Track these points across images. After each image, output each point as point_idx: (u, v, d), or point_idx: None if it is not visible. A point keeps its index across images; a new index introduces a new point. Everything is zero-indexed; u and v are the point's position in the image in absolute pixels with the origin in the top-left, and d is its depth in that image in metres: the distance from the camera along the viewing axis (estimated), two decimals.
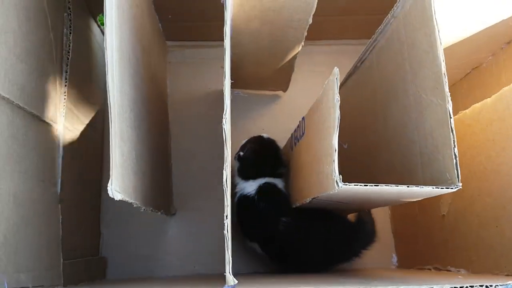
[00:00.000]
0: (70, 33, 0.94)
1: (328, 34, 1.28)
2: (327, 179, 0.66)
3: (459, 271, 0.88)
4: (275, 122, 1.28)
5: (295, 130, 0.99)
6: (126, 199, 0.65)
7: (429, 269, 1.00)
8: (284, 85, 1.24)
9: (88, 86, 1.08)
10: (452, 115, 0.64)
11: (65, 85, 0.92)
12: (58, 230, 0.88)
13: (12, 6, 0.72)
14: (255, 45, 1.00)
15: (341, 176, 0.62)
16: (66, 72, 0.92)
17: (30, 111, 0.77)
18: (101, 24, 1.18)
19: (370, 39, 0.93)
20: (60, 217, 0.88)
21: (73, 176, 0.96)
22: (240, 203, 1.04)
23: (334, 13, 1.19)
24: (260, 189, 1.02)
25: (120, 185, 0.63)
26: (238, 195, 1.05)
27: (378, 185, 0.63)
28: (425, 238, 1.03)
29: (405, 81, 0.79)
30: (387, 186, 0.63)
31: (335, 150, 0.62)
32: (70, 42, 0.94)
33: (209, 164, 1.22)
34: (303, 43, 0.99)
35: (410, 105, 0.77)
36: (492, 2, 0.81)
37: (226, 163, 0.61)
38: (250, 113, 1.29)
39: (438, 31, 0.66)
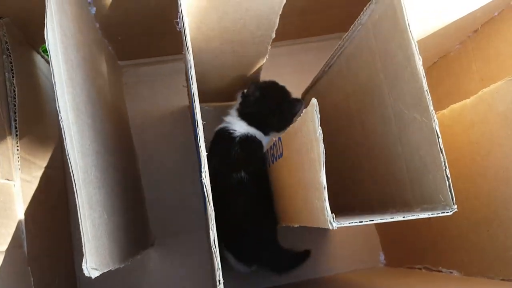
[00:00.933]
0: (13, 77, 0.85)
1: (288, 35, 1.23)
2: (317, 213, 0.62)
3: (452, 272, 0.87)
4: None
5: (270, 147, 0.94)
6: (105, 270, 0.59)
7: (420, 269, 0.99)
8: None
9: (41, 125, 0.99)
10: (439, 135, 0.60)
11: (16, 135, 0.84)
12: None
13: None
14: (218, 62, 0.94)
15: (333, 214, 0.58)
16: (15, 120, 0.84)
17: None
18: (44, 53, 1.08)
19: (337, 45, 0.88)
20: (32, 279, 0.81)
21: (39, 230, 0.89)
22: (218, 134, 1.01)
23: (293, 13, 1.13)
24: (245, 138, 0.98)
25: (95, 261, 0.57)
26: (221, 125, 1.01)
27: (373, 220, 0.59)
28: (413, 238, 1.02)
29: (381, 92, 0.75)
30: (382, 219, 0.60)
31: (325, 188, 0.58)
32: (14, 87, 0.85)
33: (182, 186, 1.17)
34: (267, 56, 0.94)
35: (390, 117, 0.74)
36: None
37: (211, 222, 0.56)
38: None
39: (415, 45, 0.62)
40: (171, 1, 0.72)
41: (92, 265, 0.55)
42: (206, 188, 0.56)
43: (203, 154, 0.59)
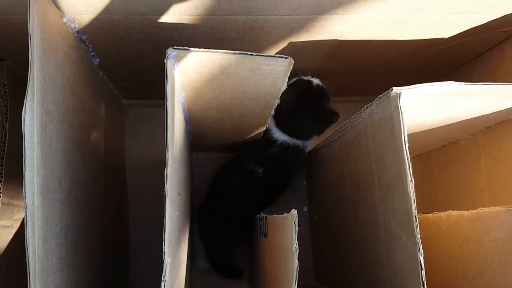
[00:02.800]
0: (6, 121, 0.84)
1: None
2: None
3: None
4: None
5: (259, 219, 0.91)
6: None
7: None
8: None
9: None
10: (423, 266, 0.56)
11: (0, 181, 0.82)
12: None
13: None
14: (216, 126, 0.92)
15: None
16: (2, 166, 0.83)
17: None
18: None
19: (339, 128, 0.85)
20: None
21: (14, 272, 0.87)
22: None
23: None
24: (286, 146, 0.99)
25: None
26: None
27: None
28: None
29: (374, 194, 0.71)
30: None
31: None
32: (6, 132, 0.84)
33: None
34: (267, 125, 0.91)
35: (379, 222, 0.70)
36: (468, 101, 0.73)
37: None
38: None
39: (409, 165, 0.58)
40: None
41: None
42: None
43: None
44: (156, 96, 1.19)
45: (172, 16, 0.70)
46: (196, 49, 0.57)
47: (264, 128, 0.94)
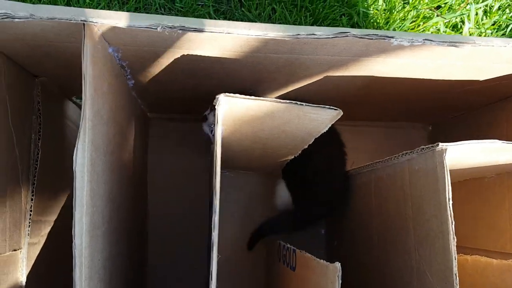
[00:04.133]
0: (39, 139, 0.84)
1: None
2: None
3: None
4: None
5: (284, 247, 0.91)
6: None
7: None
8: (275, 172, 1.16)
9: (57, 181, 0.98)
10: None
11: (32, 199, 0.83)
12: None
13: None
14: (246, 153, 0.92)
15: None
16: (33, 184, 0.83)
17: None
18: (77, 99, 1.08)
19: (369, 163, 0.86)
20: None
21: None
22: None
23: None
24: None
25: None
26: None
27: None
28: None
29: (407, 238, 0.72)
30: None
31: None
32: (38, 150, 0.84)
33: (189, 249, 1.15)
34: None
35: (412, 269, 0.71)
36: (506, 154, 0.74)
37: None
38: (241, 193, 1.21)
39: (452, 222, 0.59)
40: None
41: None
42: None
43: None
44: (180, 110, 1.19)
45: (217, 51, 0.70)
46: (247, 96, 0.58)
47: (293, 157, 0.95)
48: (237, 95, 0.57)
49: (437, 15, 1.29)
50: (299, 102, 0.57)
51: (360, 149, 1.21)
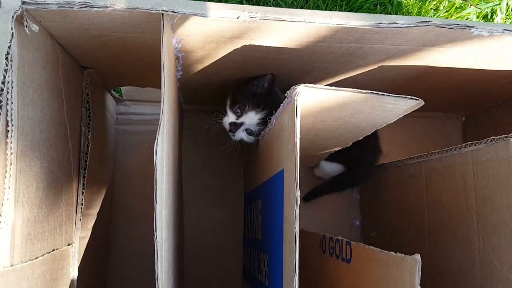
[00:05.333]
0: (89, 132, 0.83)
1: None
2: None
3: None
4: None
5: (331, 239, 0.90)
6: None
7: None
8: (312, 163, 1.15)
9: (100, 174, 0.97)
10: None
11: (82, 193, 0.82)
12: None
13: (36, 148, 0.61)
14: None
15: None
16: (84, 177, 0.82)
17: (49, 254, 0.67)
18: (115, 92, 1.07)
19: (422, 154, 0.85)
20: None
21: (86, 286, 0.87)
22: None
23: None
24: None
25: None
26: None
27: None
28: None
29: (469, 229, 0.72)
30: None
31: None
32: (88, 142, 0.83)
33: (225, 240, 1.15)
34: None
35: (474, 258, 0.71)
36: None
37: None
38: None
39: None
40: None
41: None
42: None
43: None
44: (214, 103, 1.18)
45: (281, 41, 0.69)
46: (326, 87, 0.57)
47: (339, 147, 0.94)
48: (317, 85, 0.56)
49: (470, 5, 1.28)
50: (379, 92, 0.56)
51: (394, 140, 1.21)
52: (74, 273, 0.80)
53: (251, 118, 0.92)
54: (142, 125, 1.16)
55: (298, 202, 0.55)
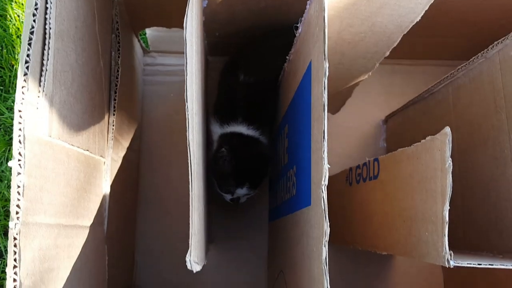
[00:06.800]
0: (119, 57, 0.86)
1: None
2: (427, 248, 0.59)
3: None
4: None
5: (358, 167, 0.91)
6: (200, 266, 0.58)
7: None
8: (335, 108, 1.16)
9: (130, 108, 1.00)
10: None
11: (113, 114, 0.84)
12: (105, 272, 0.81)
13: (71, 39, 0.63)
14: None
15: (451, 253, 0.54)
16: (115, 100, 0.84)
17: (84, 151, 0.69)
18: (141, 38, 1.10)
19: (448, 74, 0.85)
20: (107, 257, 0.81)
21: (117, 211, 0.89)
22: None
23: None
24: None
25: (198, 255, 0.56)
26: None
27: (492, 265, 0.55)
28: (486, 285, 0.96)
29: (499, 131, 0.71)
30: (503, 265, 0.56)
31: (446, 223, 0.55)
32: (118, 67, 0.85)
33: None
34: (370, 72, 0.91)
35: (505, 159, 0.70)
36: None
37: (325, 238, 0.54)
38: None
39: None
40: None
41: (195, 259, 0.54)
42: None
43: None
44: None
45: None
46: None
47: (363, 79, 0.95)
48: None
49: None
50: None
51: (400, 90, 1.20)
52: (106, 188, 0.82)
53: (242, 191, 0.96)
54: (168, 76, 1.19)
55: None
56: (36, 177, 0.53)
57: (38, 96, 0.54)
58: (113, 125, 0.83)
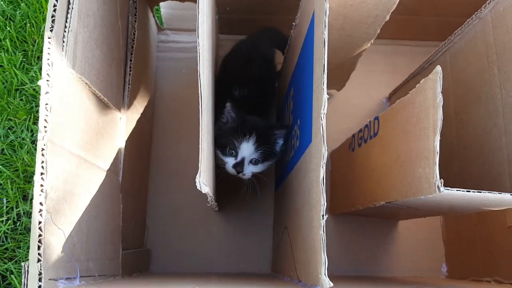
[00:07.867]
0: (135, 21, 0.92)
1: (385, 33, 1.25)
2: (420, 183, 0.63)
3: None
4: (328, 122, 1.23)
5: (360, 130, 0.95)
6: (209, 192, 0.63)
7: (489, 281, 0.97)
8: (340, 83, 1.20)
9: (144, 75, 1.06)
10: None
11: (129, 74, 0.90)
12: (119, 220, 0.86)
13: None
14: None
15: (442, 180, 0.59)
16: (131, 60, 0.90)
17: (102, 98, 0.75)
18: (156, 14, 1.16)
19: (445, 41, 0.89)
20: (121, 206, 0.86)
21: (130, 167, 0.94)
22: None
23: (395, 11, 1.15)
24: None
25: (206, 177, 0.61)
26: None
27: (481, 192, 0.59)
28: (485, 249, 0.99)
29: (491, 85, 0.75)
30: (492, 194, 0.59)
31: (437, 153, 0.59)
32: (135, 30, 0.91)
33: None
34: (372, 40, 0.96)
35: (497, 110, 0.74)
36: None
37: (323, 161, 0.58)
38: None
39: None
40: None
41: (204, 180, 0.58)
42: None
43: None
44: (244, 32, 1.25)
45: None
46: None
47: (365, 48, 0.99)
48: None
49: None
50: None
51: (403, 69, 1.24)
52: (121, 142, 0.87)
53: (247, 149, 0.89)
54: (180, 53, 1.25)
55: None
56: (59, 104, 0.58)
57: (65, 31, 0.59)
58: (129, 84, 0.89)
